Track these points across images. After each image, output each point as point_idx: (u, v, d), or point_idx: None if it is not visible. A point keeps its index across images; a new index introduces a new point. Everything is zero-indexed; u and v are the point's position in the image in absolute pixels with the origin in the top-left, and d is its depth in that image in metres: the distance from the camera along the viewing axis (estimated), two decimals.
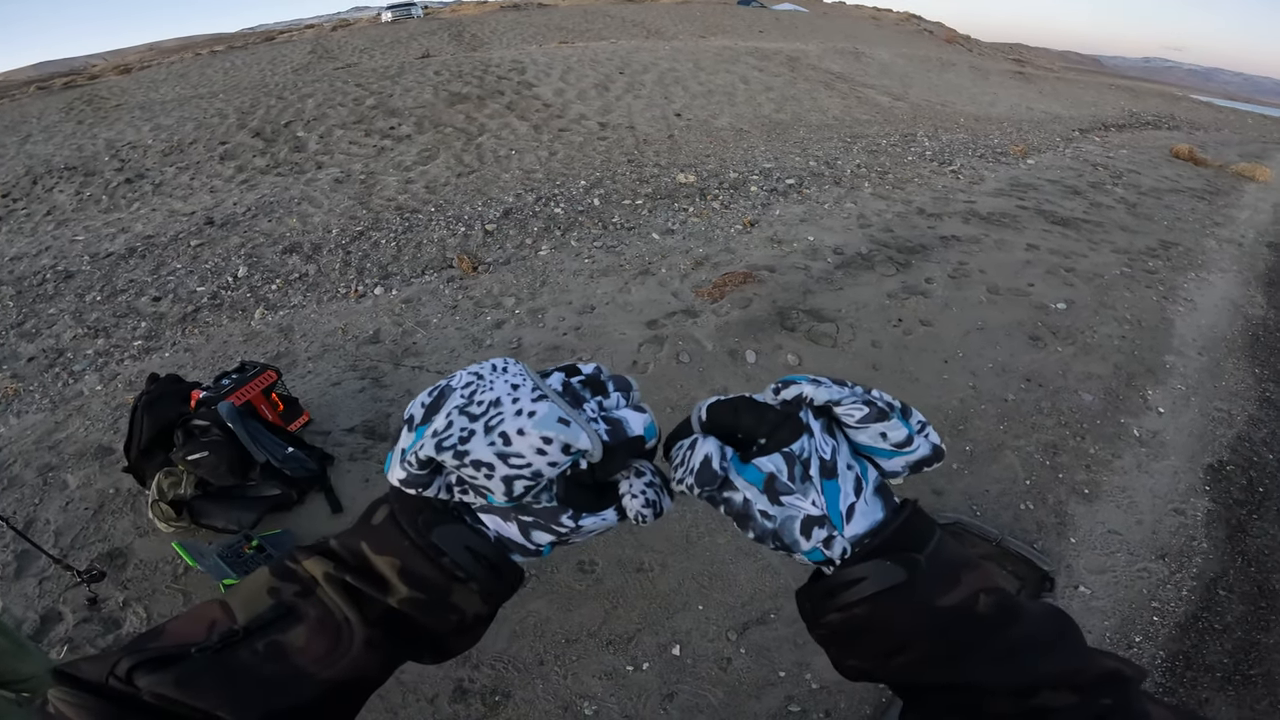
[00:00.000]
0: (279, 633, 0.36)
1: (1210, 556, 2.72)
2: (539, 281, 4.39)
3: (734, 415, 0.43)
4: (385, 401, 3.13)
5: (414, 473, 0.38)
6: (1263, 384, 4.00)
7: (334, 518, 2.41)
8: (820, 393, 0.41)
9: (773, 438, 0.41)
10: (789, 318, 3.94)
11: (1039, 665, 0.38)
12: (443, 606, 0.38)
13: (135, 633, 2.01)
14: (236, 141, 7.00)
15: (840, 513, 0.40)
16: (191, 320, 3.95)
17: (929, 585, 0.38)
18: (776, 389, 0.43)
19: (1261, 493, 3.13)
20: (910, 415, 0.42)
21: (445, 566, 0.38)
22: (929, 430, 0.43)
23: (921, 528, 0.41)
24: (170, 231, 5.07)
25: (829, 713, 1.95)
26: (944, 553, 0.40)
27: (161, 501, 2.29)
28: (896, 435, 0.41)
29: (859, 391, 0.41)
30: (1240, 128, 18.79)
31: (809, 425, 0.42)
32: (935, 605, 0.38)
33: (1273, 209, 8.39)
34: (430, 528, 0.39)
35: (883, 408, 0.41)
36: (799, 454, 0.41)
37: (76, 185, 6.18)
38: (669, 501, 0.43)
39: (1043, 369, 3.68)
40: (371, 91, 8.55)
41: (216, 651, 0.34)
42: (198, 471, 2.32)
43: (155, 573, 2.20)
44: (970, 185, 7.04)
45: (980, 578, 0.40)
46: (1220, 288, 5.27)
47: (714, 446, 0.41)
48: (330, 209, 5.54)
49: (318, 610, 0.37)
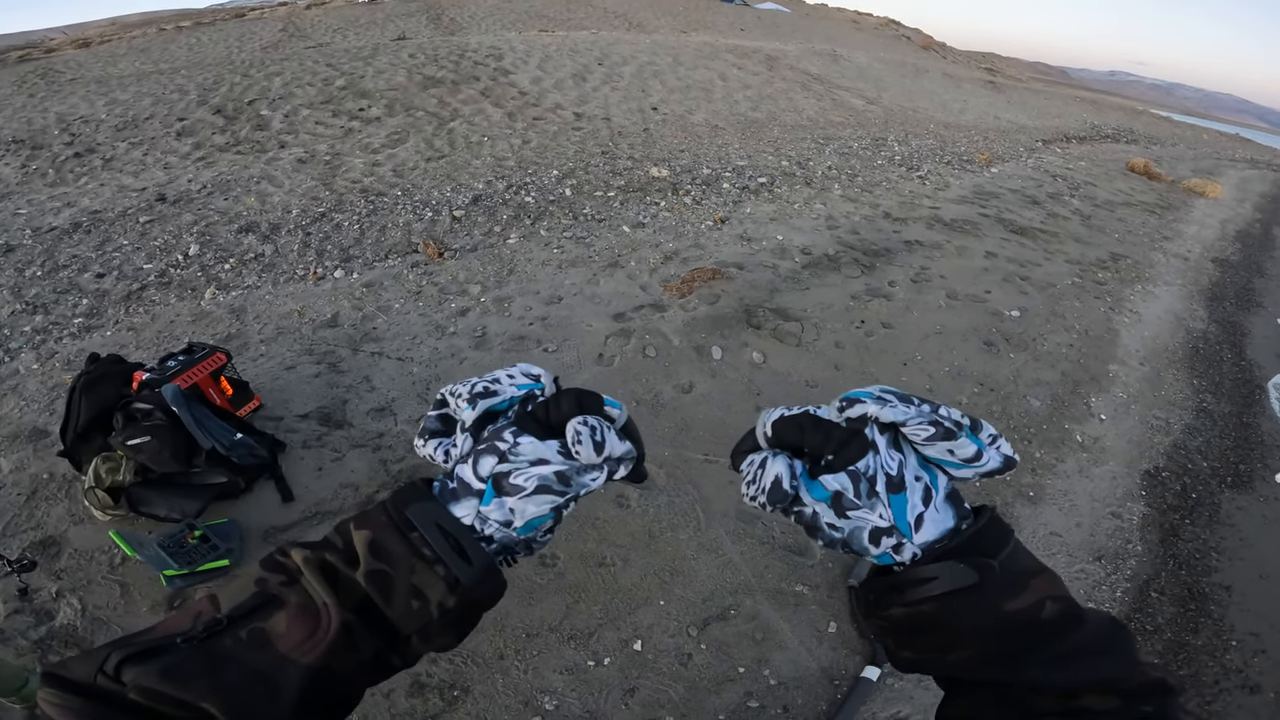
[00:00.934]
0: (261, 620, 0.36)
1: (1144, 559, 2.86)
2: (506, 270, 4.33)
3: (799, 433, 0.43)
4: (342, 388, 3.05)
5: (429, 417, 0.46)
6: (1200, 394, 4.23)
7: (284, 507, 2.35)
8: (886, 412, 0.41)
9: (839, 456, 0.42)
10: (756, 315, 3.98)
11: (1090, 670, 0.39)
12: (404, 587, 0.37)
13: (68, 624, 1.93)
14: (196, 118, 6.71)
15: (908, 523, 0.41)
16: (137, 298, 3.78)
17: (999, 589, 0.39)
18: (841, 406, 0.43)
19: (1194, 499, 3.31)
20: (981, 430, 0.42)
21: (413, 541, 0.38)
22: (1000, 442, 0.43)
23: (997, 533, 0.41)
24: (119, 207, 4.83)
25: (786, 708, 1.99)
26: (1017, 559, 0.41)
27: (98, 488, 2.19)
28: (965, 451, 0.41)
29: (925, 411, 0.41)
30: (1195, 143, 19.69)
31: (874, 442, 0.42)
32: (1002, 609, 0.39)
33: (1219, 225, 8.82)
34: (406, 504, 0.40)
35: (950, 427, 0.41)
36: (865, 471, 0.42)
37: (23, 159, 5.84)
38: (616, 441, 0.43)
39: (995, 374, 3.81)
40: (342, 72, 8.28)
41: (201, 640, 0.35)
42: (138, 457, 2.23)
43: (91, 562, 2.11)
44: (936, 191, 7.21)
45: (1048, 584, 0.41)
46: (1165, 300, 5.53)
47: (784, 466, 0.42)
48: (291, 189, 5.36)
49: (299, 597, 0.37)
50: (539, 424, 0.43)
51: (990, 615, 0.39)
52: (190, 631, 0.35)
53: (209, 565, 2.00)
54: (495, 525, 0.41)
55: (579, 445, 0.41)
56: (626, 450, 0.44)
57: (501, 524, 0.41)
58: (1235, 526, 3.23)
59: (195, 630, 0.35)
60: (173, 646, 0.34)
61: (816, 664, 2.12)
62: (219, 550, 2.03)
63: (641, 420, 3.04)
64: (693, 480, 2.76)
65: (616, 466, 0.44)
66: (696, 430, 3.02)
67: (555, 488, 0.42)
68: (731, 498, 2.70)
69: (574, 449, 0.41)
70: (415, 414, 2.92)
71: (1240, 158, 18.49)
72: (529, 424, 0.43)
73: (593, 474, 0.44)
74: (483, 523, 0.41)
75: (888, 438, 0.43)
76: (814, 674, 2.10)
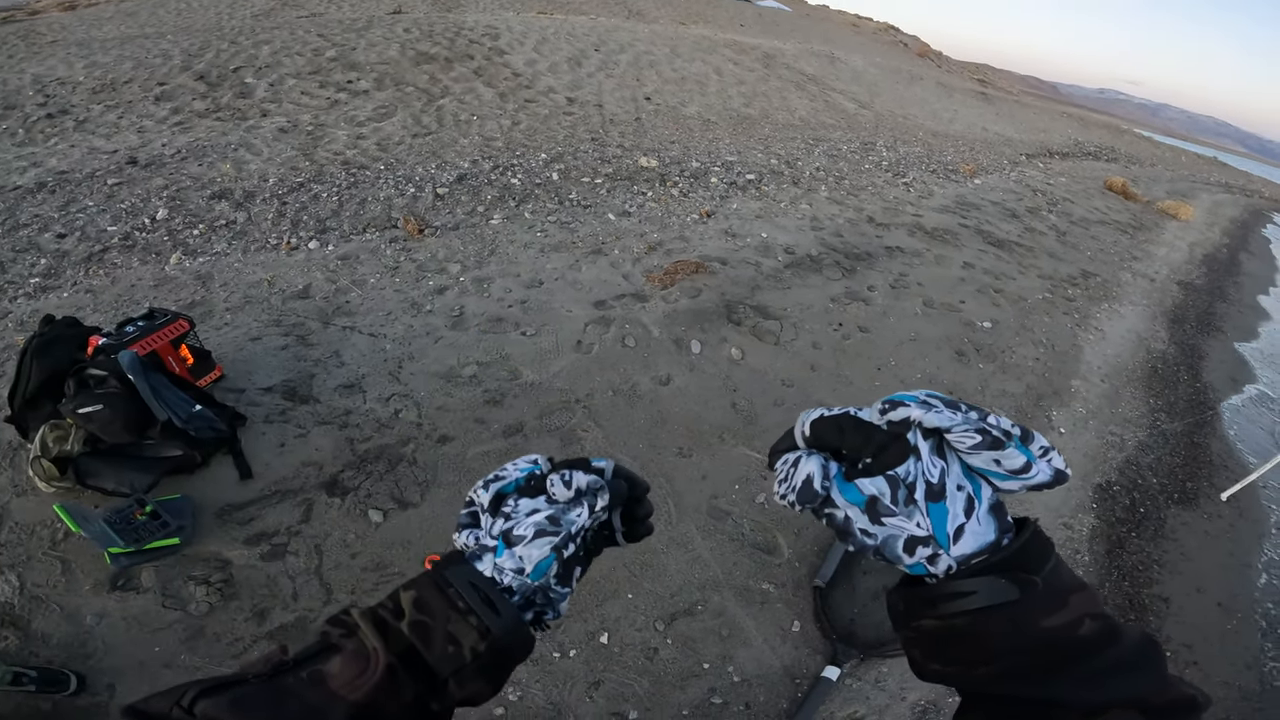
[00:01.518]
0: (321, 663, 0.42)
1: (1090, 570, 2.96)
2: (487, 250, 4.26)
3: (839, 434, 0.43)
4: (310, 361, 2.97)
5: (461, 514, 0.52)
6: (1155, 413, 4.37)
7: (242, 484, 2.28)
8: (930, 417, 0.40)
9: (878, 459, 0.41)
10: (736, 311, 3.99)
11: (1119, 688, 0.39)
12: (441, 635, 0.43)
13: (5, 602, 1.86)
14: (177, 83, 6.45)
15: (947, 534, 0.40)
16: (98, 260, 3.62)
17: (1038, 606, 0.39)
18: (883, 409, 0.42)
19: (1141, 513, 3.43)
20: (1031, 441, 0.41)
21: (450, 596, 0.44)
22: (1052, 455, 0.41)
23: (1040, 548, 0.41)
24: (87, 168, 4.63)
25: (749, 705, 2.01)
26: (1058, 575, 0.40)
27: (44, 458, 2.10)
28: (1013, 463, 0.40)
29: (973, 418, 0.40)
30: (1174, 164, 20.26)
31: (916, 447, 0.41)
32: (1040, 625, 0.39)
33: (1188, 248, 9.11)
34: (446, 566, 0.47)
35: (998, 436, 0.39)
36: (904, 477, 0.41)
37: None
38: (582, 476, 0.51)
39: (964, 384, 3.89)
40: (334, 43, 8.03)
41: (269, 678, 0.41)
42: (89, 426, 2.14)
43: (32, 537, 2.02)
44: (919, 199, 7.30)
45: (1087, 601, 0.40)
46: (1129, 320, 5.69)
47: (817, 465, 0.42)
48: (270, 158, 5.18)
49: (355, 645, 0.43)
50: (533, 489, 0.51)
51: (1027, 632, 0.39)
52: (259, 670, 0.41)
53: (157, 543, 1.93)
54: (510, 574, 0.47)
55: (554, 488, 0.50)
56: (592, 481, 0.50)
57: (515, 572, 0.47)
58: (1177, 541, 3.36)
59: (264, 670, 0.41)
60: (244, 682, 0.40)
61: (779, 662, 2.15)
62: (169, 528, 1.96)
63: (617, 411, 3.03)
64: (665, 474, 2.76)
65: (594, 499, 0.50)
66: (672, 424, 3.02)
67: (549, 530, 0.48)
68: (703, 492, 2.71)
69: (551, 492, 0.50)
70: (386, 392, 2.86)
71: (1215, 181, 19.11)
72: (526, 491, 0.52)
73: (576, 510, 0.50)
74: (500, 573, 0.47)
75: (931, 443, 0.42)
76: (777, 672, 2.12)
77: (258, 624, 1.90)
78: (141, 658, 1.76)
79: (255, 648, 1.84)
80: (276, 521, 2.19)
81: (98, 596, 1.88)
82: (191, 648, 1.81)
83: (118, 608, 1.86)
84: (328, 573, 2.08)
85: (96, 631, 1.80)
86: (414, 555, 2.19)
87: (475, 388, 3.00)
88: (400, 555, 2.18)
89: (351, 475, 2.42)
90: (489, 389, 3.01)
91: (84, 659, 1.73)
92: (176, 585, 1.93)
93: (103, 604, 1.86)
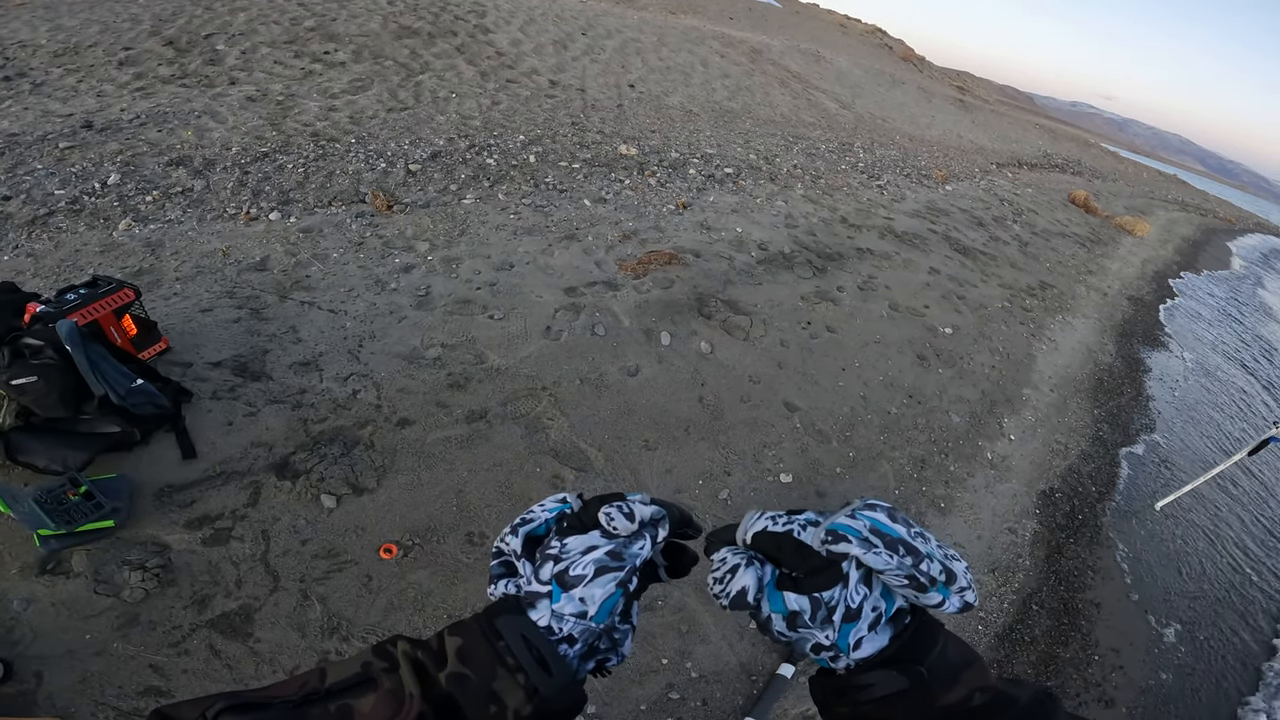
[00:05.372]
0: (353, 697, 0.40)
1: (1030, 574, 3.08)
2: (458, 230, 4.17)
3: (777, 551, 0.47)
4: (264, 336, 2.86)
5: (493, 566, 0.49)
6: (1098, 423, 4.56)
7: (185, 464, 2.19)
8: (869, 558, 0.43)
9: (809, 581, 0.45)
10: (707, 305, 4.00)
11: None
12: (484, 692, 0.40)
13: None
14: (143, 48, 6.10)
15: (849, 644, 0.45)
16: (42, 224, 3.41)
17: (935, 686, 0.43)
18: (826, 539, 0.45)
19: (1080, 520, 3.59)
20: (954, 581, 0.44)
21: (498, 650, 0.41)
22: (967, 592, 0.45)
23: (925, 639, 0.45)
24: (39, 131, 4.36)
25: (705, 701, 2.05)
26: (946, 658, 0.44)
27: None
28: (929, 600, 0.44)
29: (907, 564, 0.43)
30: (1136, 180, 21.02)
31: (847, 574, 0.45)
32: (937, 704, 0.43)
33: (1140, 264, 9.49)
34: (496, 615, 0.43)
35: (924, 582, 0.43)
36: (827, 601, 0.45)
37: None
38: (643, 507, 0.48)
39: (924, 388, 3.99)
40: (314, 13, 7.69)
41: (296, 706, 0.39)
42: (21, 399, 2.02)
43: None
44: (892, 202, 7.42)
45: (977, 676, 0.44)
46: (1080, 332, 5.91)
47: (752, 580, 0.47)
48: (235, 126, 4.95)
49: (392, 683, 0.40)
50: (576, 527, 0.48)
51: (928, 712, 0.43)
52: (290, 696, 0.39)
53: (90, 525, 1.84)
54: (571, 620, 0.44)
55: (614, 522, 0.46)
56: (655, 511, 0.49)
57: (577, 616, 0.44)
58: (1112, 549, 3.53)
59: (294, 695, 0.39)
60: (270, 706, 0.38)
61: (736, 659, 2.19)
62: (103, 509, 1.87)
63: (584, 400, 3.01)
64: (630, 465, 2.76)
65: (655, 530, 0.49)
66: (638, 415, 3.02)
67: (612, 565, 0.45)
68: (667, 486, 2.72)
69: (610, 527, 0.46)
70: (345, 371, 2.78)
71: (1173, 199, 19.92)
72: (568, 530, 0.48)
73: (639, 542, 0.47)
74: (560, 621, 0.44)
75: (861, 573, 0.45)
76: (733, 668, 2.16)
77: (197, 612, 1.83)
78: (71, 645, 1.69)
79: (194, 636, 1.78)
80: (221, 504, 2.12)
81: (25, 581, 1.79)
82: (125, 636, 1.74)
83: (47, 593, 1.77)
84: (275, 559, 2.02)
85: (24, 618, 1.72)
86: (368, 543, 2.14)
87: (439, 370, 2.94)
88: (354, 543, 2.13)
89: (304, 458, 2.35)
90: (453, 372, 2.95)
91: (10, 645, 1.65)
92: (110, 570, 1.85)
93: (31, 589, 1.77)
